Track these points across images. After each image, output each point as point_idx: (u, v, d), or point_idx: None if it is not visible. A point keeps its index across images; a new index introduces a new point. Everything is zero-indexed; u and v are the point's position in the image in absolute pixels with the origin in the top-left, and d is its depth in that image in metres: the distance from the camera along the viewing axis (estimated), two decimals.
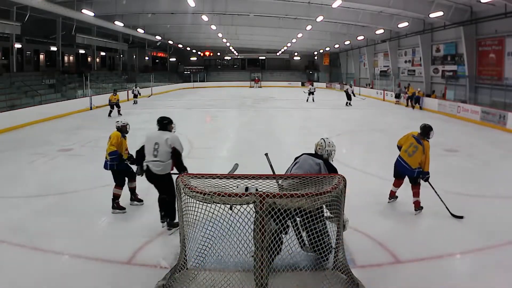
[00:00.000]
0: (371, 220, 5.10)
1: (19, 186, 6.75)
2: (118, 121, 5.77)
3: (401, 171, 5.48)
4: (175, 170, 4.84)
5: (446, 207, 5.30)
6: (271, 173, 4.15)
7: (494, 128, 13.74)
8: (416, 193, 5.38)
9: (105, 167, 5.49)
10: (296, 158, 4.19)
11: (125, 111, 19.13)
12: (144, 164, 4.79)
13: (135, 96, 23.01)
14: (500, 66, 16.59)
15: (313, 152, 4.17)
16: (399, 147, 5.65)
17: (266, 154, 4.58)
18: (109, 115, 16.57)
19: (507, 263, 4.09)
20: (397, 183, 5.67)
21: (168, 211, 4.79)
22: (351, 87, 23.01)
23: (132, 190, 5.74)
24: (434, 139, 5.99)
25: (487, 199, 6.13)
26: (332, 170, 3.91)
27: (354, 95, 22.73)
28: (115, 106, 16.91)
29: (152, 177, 4.80)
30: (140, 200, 5.77)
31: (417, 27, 21.00)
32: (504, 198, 6.17)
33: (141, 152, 4.91)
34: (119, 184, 5.47)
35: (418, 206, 5.39)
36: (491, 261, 4.18)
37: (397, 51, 27.52)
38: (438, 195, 5.38)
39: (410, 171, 5.34)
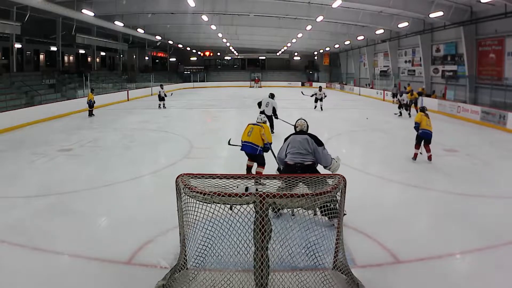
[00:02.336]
0: (371, 220, 5.10)
1: (19, 186, 6.74)
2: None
3: (426, 137, 8.32)
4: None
5: None
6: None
7: (494, 128, 13.74)
8: (429, 149, 8.35)
9: (253, 151, 6.48)
10: (285, 139, 5.17)
11: (128, 111, 19.21)
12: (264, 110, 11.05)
13: (162, 98, 19.65)
14: (500, 66, 16.60)
15: (295, 131, 5.31)
16: (416, 123, 8.47)
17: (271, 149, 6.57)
18: (89, 115, 16.56)
19: (507, 263, 4.09)
20: (418, 146, 8.44)
21: (272, 128, 10.76)
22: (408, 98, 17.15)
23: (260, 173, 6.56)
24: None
25: (487, 199, 6.13)
26: (316, 137, 5.02)
27: (407, 109, 17.09)
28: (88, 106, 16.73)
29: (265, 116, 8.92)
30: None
31: (417, 27, 21.00)
32: (504, 198, 6.17)
33: (260, 104, 11.65)
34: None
35: (430, 158, 8.29)
36: (491, 261, 4.18)
37: (397, 51, 27.53)
38: None
39: (431, 135, 8.35)
